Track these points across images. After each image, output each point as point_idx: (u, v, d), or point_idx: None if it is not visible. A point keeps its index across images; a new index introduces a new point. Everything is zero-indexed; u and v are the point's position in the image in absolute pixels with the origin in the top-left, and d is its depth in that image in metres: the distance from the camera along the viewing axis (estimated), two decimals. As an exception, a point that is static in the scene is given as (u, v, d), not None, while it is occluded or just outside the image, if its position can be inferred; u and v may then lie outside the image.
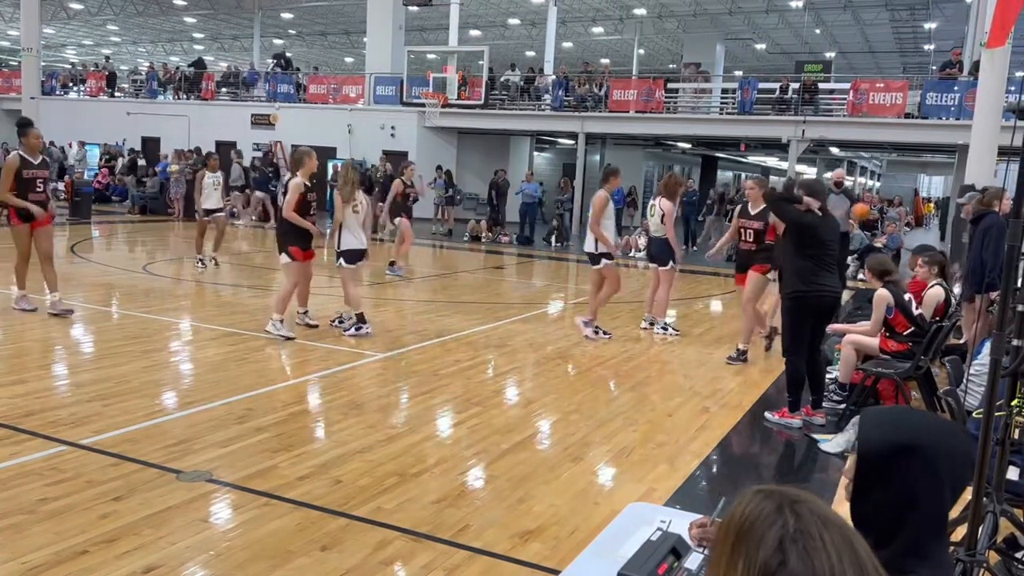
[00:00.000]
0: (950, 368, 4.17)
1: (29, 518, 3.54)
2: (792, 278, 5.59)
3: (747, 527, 1.03)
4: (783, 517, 1.02)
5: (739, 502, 1.08)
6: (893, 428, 1.53)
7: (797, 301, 5.58)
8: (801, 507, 1.03)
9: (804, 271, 5.51)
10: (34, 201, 7.64)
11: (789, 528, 1.00)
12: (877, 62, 37.13)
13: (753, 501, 1.06)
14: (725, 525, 1.08)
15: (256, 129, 24.32)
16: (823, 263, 5.55)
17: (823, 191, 5.88)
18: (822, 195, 5.77)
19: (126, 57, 46.37)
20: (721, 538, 1.07)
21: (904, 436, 1.50)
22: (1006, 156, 9.17)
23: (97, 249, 14.21)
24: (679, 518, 2.09)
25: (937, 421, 1.59)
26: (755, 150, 30.02)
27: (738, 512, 1.06)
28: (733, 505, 1.09)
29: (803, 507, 1.03)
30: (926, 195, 46.92)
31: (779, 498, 1.05)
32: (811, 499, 1.05)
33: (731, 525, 1.06)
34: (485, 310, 9.81)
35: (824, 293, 5.55)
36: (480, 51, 23.44)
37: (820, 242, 5.55)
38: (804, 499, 1.05)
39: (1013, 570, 3.41)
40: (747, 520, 1.04)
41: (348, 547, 3.46)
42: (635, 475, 4.57)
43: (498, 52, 30.73)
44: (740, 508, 1.07)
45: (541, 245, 18.95)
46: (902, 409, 1.70)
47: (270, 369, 6.59)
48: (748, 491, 1.09)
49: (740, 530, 1.04)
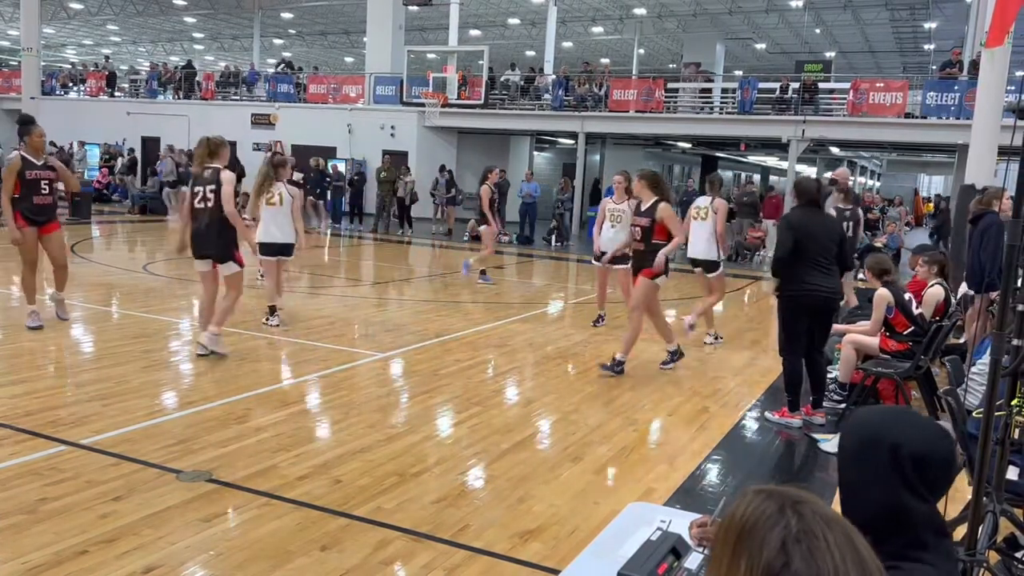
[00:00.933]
0: (950, 368, 4.17)
1: (29, 518, 3.54)
2: (786, 279, 5.54)
3: (749, 528, 1.02)
4: (785, 518, 1.01)
5: (739, 502, 1.07)
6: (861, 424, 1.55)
7: (788, 301, 5.56)
8: (803, 507, 1.02)
9: (796, 271, 5.46)
10: (39, 205, 7.16)
11: (792, 529, 0.99)
12: (877, 62, 37.12)
13: (754, 502, 1.05)
14: (726, 525, 1.07)
15: (256, 129, 24.32)
16: (817, 263, 5.47)
17: (811, 189, 5.72)
18: (813, 193, 5.67)
19: (126, 57, 46.36)
20: (722, 538, 1.06)
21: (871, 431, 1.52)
22: (1006, 156, 9.16)
23: (97, 249, 14.20)
24: (679, 518, 2.09)
25: (917, 422, 1.56)
26: (755, 150, 30.03)
27: (739, 512, 1.05)
28: (733, 505, 1.08)
29: (805, 507, 1.02)
30: (926, 195, 46.89)
31: (781, 498, 1.04)
32: (813, 499, 1.04)
33: (732, 526, 1.05)
34: (485, 310, 9.81)
35: (817, 292, 5.48)
36: (480, 51, 23.44)
37: (813, 240, 5.45)
38: (806, 499, 1.04)
39: (1013, 570, 3.41)
40: (749, 521, 1.03)
41: (348, 547, 3.46)
42: (635, 475, 4.57)
43: (498, 52, 30.72)
44: (741, 508, 1.06)
45: (541, 245, 18.95)
46: (883, 408, 1.70)
47: (270, 369, 6.59)
48: (748, 491, 1.08)
49: (742, 531, 1.03)
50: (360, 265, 14.48)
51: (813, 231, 5.52)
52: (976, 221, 6.82)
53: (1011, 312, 2.77)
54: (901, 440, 1.48)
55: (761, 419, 5.86)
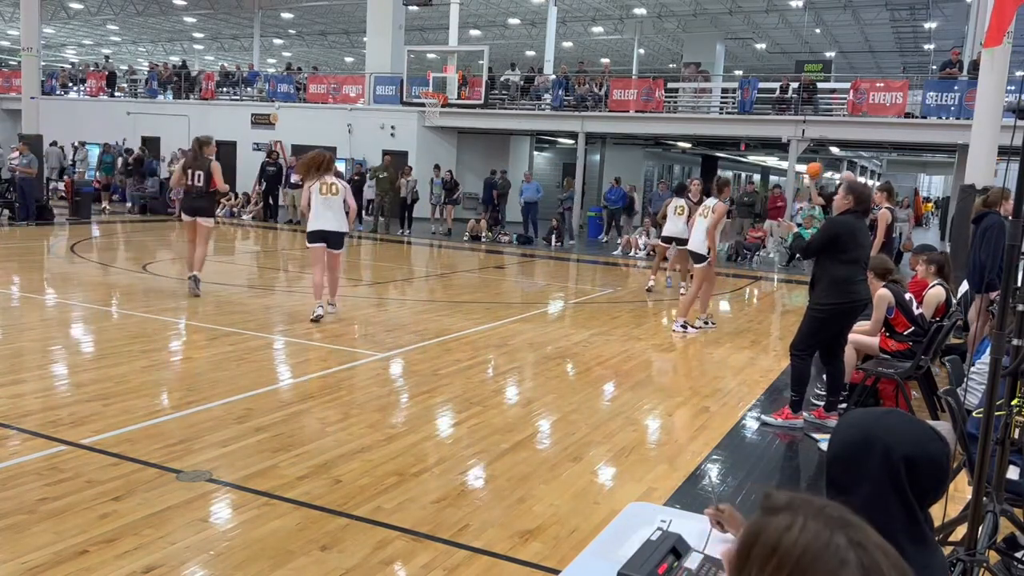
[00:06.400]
0: (950, 368, 4.17)
1: (29, 518, 3.54)
2: (829, 288, 5.35)
3: (810, 561, 0.88)
4: (853, 554, 0.88)
5: (783, 523, 0.92)
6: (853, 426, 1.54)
7: (833, 309, 5.37)
8: (861, 535, 0.90)
9: (847, 280, 5.29)
10: None
11: (861, 568, 0.87)
12: (877, 62, 37.13)
13: (810, 527, 0.90)
14: (769, 548, 0.91)
15: (256, 129, 24.32)
16: (863, 272, 5.40)
17: (869, 196, 5.65)
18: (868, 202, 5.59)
19: (126, 57, 46.36)
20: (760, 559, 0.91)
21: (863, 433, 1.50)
22: (1006, 156, 9.16)
23: (97, 249, 14.20)
24: (679, 518, 2.09)
25: (910, 425, 1.53)
26: (755, 150, 30.02)
27: (788, 538, 0.90)
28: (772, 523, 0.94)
29: (863, 536, 0.90)
30: (926, 195, 46.90)
31: (835, 524, 0.91)
32: (861, 523, 0.93)
33: (780, 552, 0.90)
34: (485, 310, 9.81)
35: (861, 302, 5.41)
36: (480, 51, 23.43)
37: (858, 244, 5.34)
38: (857, 524, 0.92)
39: (1013, 570, 3.41)
40: (808, 552, 0.88)
41: (348, 547, 3.46)
42: (635, 475, 4.57)
43: (498, 52, 30.73)
44: (792, 533, 0.90)
45: (541, 245, 18.96)
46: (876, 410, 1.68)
47: (270, 369, 6.59)
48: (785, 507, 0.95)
49: (799, 563, 0.88)
50: (360, 265, 14.48)
51: (862, 241, 5.45)
52: (979, 221, 6.81)
53: (1011, 312, 2.77)
54: (893, 443, 1.47)
55: (762, 418, 5.86)
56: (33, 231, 15.56)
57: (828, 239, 5.39)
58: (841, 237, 5.32)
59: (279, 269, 12.09)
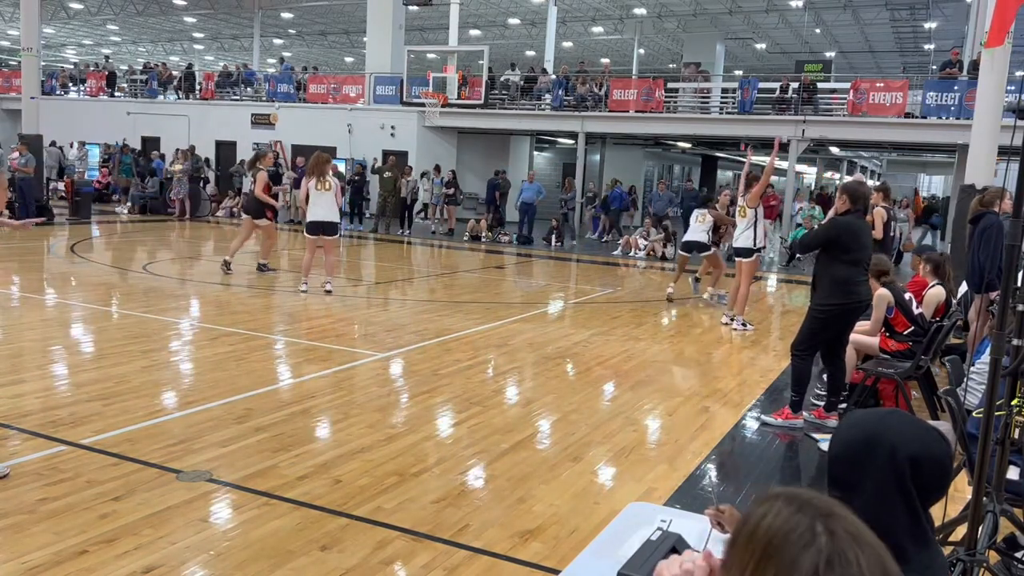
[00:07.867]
0: (950, 368, 4.16)
1: (29, 518, 3.54)
2: (830, 288, 5.34)
3: (778, 543, 0.93)
4: (817, 537, 0.92)
5: (765, 508, 0.98)
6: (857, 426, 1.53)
7: (834, 309, 5.36)
8: (835, 523, 0.94)
9: (848, 280, 5.29)
10: None
11: (824, 551, 0.91)
12: (877, 62, 37.12)
13: (783, 512, 0.95)
14: (749, 532, 0.97)
15: (256, 129, 24.31)
16: (864, 273, 5.40)
17: (867, 195, 5.66)
18: (867, 200, 5.59)
19: (126, 57, 46.36)
20: (743, 544, 0.97)
21: (869, 433, 1.50)
22: (1006, 156, 9.16)
23: (97, 249, 14.20)
24: (679, 518, 2.10)
25: (914, 425, 1.53)
26: (755, 150, 29.95)
27: (765, 523, 0.96)
28: (758, 510, 0.99)
29: (837, 524, 0.94)
30: (925, 194, 46.84)
31: (811, 511, 0.95)
32: (843, 513, 0.97)
33: (756, 536, 0.96)
34: (485, 310, 9.81)
35: (863, 303, 5.42)
36: (480, 51, 23.43)
37: (861, 245, 5.33)
38: (836, 513, 0.96)
39: (1013, 570, 3.41)
40: (777, 535, 0.94)
41: (348, 547, 3.46)
42: (635, 475, 4.57)
43: (498, 52, 30.73)
44: (768, 518, 0.96)
45: (541, 245, 18.96)
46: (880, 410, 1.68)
47: (270, 369, 6.59)
48: (773, 496, 0.99)
49: (769, 545, 0.94)
50: (360, 265, 14.48)
51: (865, 241, 5.43)
52: (976, 221, 6.81)
53: (1011, 312, 2.77)
54: (898, 443, 1.47)
55: (762, 417, 5.86)
56: (33, 231, 15.55)
57: (828, 239, 5.40)
58: (842, 238, 5.33)
59: (279, 269, 12.08)
